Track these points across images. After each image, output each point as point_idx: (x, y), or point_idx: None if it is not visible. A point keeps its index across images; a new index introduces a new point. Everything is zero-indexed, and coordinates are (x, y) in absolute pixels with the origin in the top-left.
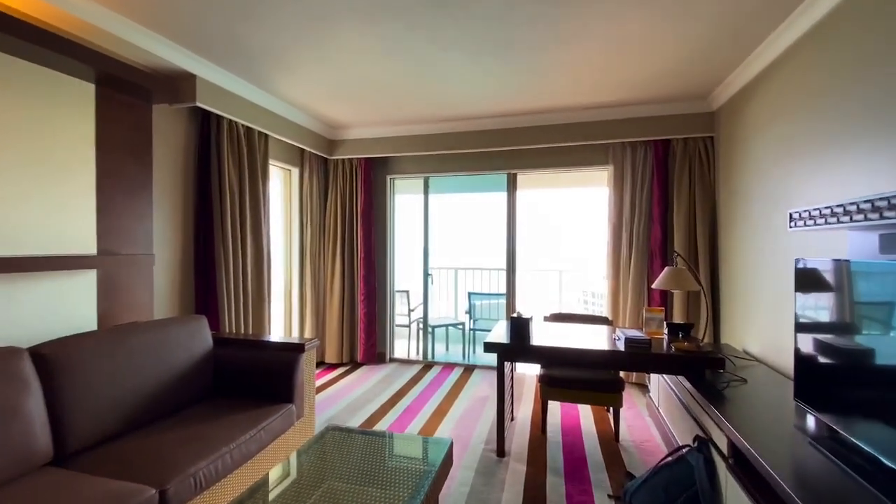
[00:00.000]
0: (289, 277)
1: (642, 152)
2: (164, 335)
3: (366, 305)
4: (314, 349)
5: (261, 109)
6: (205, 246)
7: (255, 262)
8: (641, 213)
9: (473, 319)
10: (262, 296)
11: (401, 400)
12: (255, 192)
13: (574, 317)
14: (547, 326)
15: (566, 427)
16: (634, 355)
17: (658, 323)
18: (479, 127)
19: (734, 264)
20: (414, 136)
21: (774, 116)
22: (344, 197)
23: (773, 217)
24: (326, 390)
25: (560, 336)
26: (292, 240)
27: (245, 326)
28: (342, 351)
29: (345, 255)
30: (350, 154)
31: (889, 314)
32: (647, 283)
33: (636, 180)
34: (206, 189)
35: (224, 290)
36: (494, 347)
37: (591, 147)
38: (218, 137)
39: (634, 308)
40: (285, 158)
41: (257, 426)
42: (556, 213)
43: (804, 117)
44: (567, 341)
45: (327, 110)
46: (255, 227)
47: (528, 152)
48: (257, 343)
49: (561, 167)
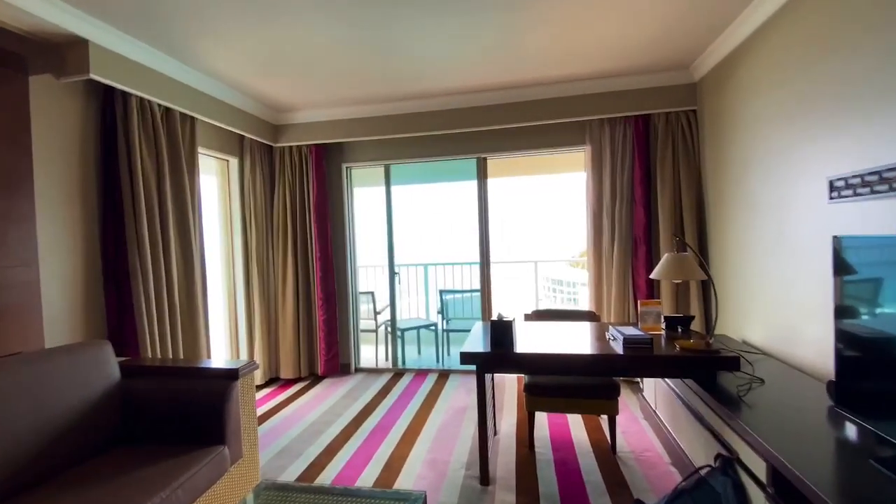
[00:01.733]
0: (231, 285)
1: (621, 129)
2: (41, 371)
3: (324, 311)
4: (251, 374)
5: (182, 86)
6: (116, 254)
7: (184, 270)
8: (623, 196)
9: (446, 319)
10: (194, 309)
11: (367, 418)
12: (178, 187)
13: (557, 313)
14: (529, 327)
15: (556, 440)
16: (636, 359)
17: (655, 317)
18: (444, 105)
19: (727, 246)
20: (371, 119)
21: (773, 81)
22: (294, 190)
23: (780, 191)
24: (280, 413)
25: (546, 338)
26: (234, 241)
27: (174, 349)
28: (300, 364)
29: (297, 255)
30: (298, 140)
31: None
32: (632, 272)
33: (616, 161)
34: (115, 183)
35: (143, 306)
36: (473, 358)
37: (567, 126)
38: (126, 119)
39: (619, 299)
40: (220, 147)
41: (171, 484)
42: (530, 202)
43: (816, 75)
44: (555, 344)
45: (267, 89)
46: (181, 229)
47: (499, 134)
48: (178, 371)
49: (534, 149)
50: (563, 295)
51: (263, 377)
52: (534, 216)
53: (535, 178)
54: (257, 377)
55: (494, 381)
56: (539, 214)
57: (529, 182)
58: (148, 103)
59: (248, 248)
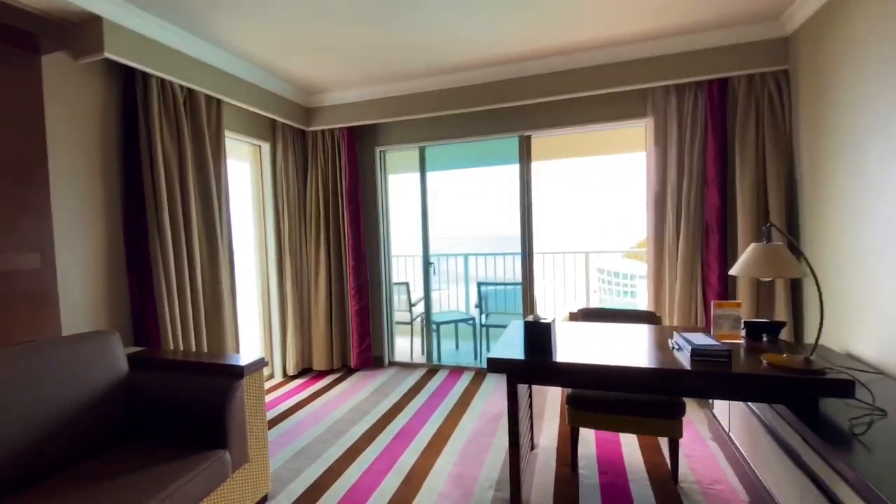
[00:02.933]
0: (264, 273)
1: (691, 97)
2: (39, 363)
3: (357, 302)
4: (259, 372)
5: (206, 67)
6: (138, 240)
7: (209, 258)
8: (692, 176)
9: (485, 314)
10: (218, 299)
11: (395, 418)
12: (203, 171)
13: (609, 313)
14: (574, 329)
15: (604, 460)
16: (708, 375)
17: (733, 322)
18: (482, 78)
19: (826, 236)
20: (404, 97)
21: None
22: (326, 176)
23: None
24: (307, 407)
25: (594, 344)
26: (267, 228)
27: (197, 339)
28: (332, 356)
29: (330, 243)
30: (330, 124)
31: None
32: (702, 265)
33: (684, 134)
34: (136, 168)
35: (164, 294)
36: (502, 365)
37: (625, 96)
38: (146, 102)
39: (684, 298)
40: (252, 131)
41: (159, 495)
42: (579, 188)
43: None
44: (604, 352)
45: (294, 68)
46: (206, 215)
47: (544, 108)
48: (185, 365)
49: (585, 123)
50: (619, 288)
51: (296, 368)
52: (583, 203)
53: (585, 161)
54: (289, 367)
55: (533, 386)
56: (589, 201)
57: (578, 165)
58: (169, 85)
59: (281, 236)
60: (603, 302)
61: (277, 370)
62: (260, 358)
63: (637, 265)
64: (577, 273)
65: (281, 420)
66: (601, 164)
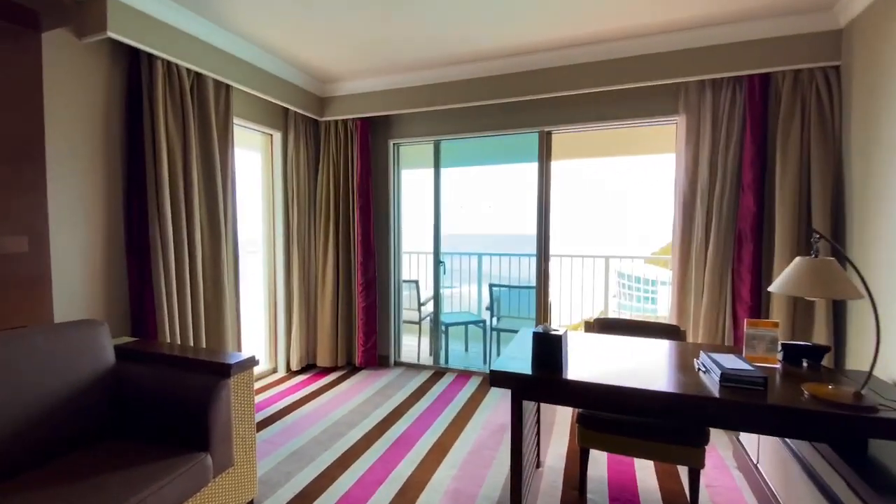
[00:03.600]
0: (271, 266)
1: (728, 94)
2: (18, 352)
3: (364, 298)
4: (248, 371)
5: (215, 51)
6: (138, 228)
7: (211, 248)
8: (727, 178)
9: (497, 317)
10: (220, 290)
11: (396, 423)
12: (208, 159)
13: (629, 325)
14: (588, 342)
15: (616, 485)
16: (739, 405)
17: (769, 344)
18: (501, 69)
19: (878, 250)
20: (420, 88)
21: None
22: (338, 168)
23: None
24: (307, 405)
25: (610, 360)
26: (276, 220)
27: (195, 331)
28: (337, 353)
29: (339, 237)
30: (344, 114)
31: None
32: (732, 276)
33: (718, 134)
34: (138, 152)
35: (161, 283)
36: (507, 380)
37: (655, 91)
38: (151, 84)
39: (711, 312)
40: (263, 119)
41: (129, 500)
42: (600, 187)
43: None
44: (621, 371)
45: (309, 55)
46: (210, 204)
47: (567, 102)
48: (172, 360)
49: (610, 120)
50: (639, 293)
51: (299, 363)
52: (604, 205)
53: (607, 162)
54: (293, 362)
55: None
56: (610, 203)
57: (599, 165)
58: (176, 68)
59: (290, 228)
60: (622, 307)
61: (281, 365)
62: (250, 356)
63: (659, 271)
64: (595, 277)
65: (279, 418)
66: (624, 166)
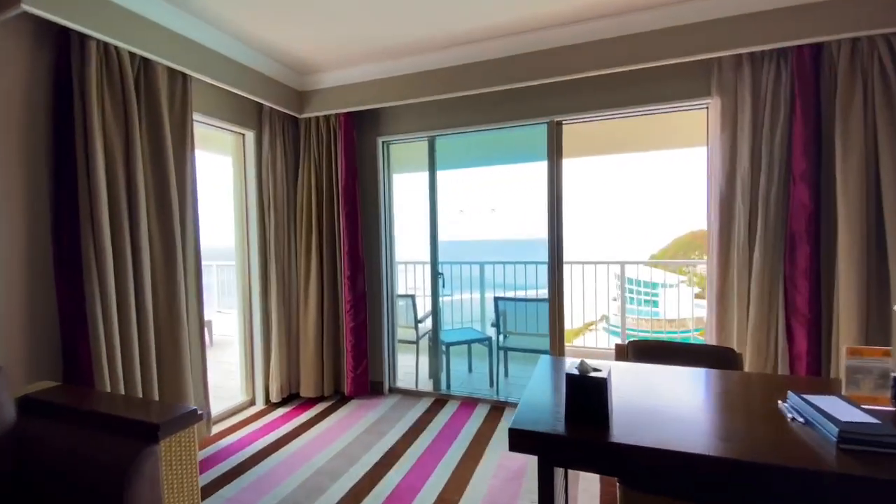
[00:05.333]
0: (246, 284)
1: (772, 70)
2: None
3: (353, 317)
4: (190, 430)
5: (168, 33)
6: (69, 246)
7: (165, 262)
8: (773, 169)
9: (503, 334)
10: (175, 312)
11: (389, 471)
12: (160, 162)
13: (669, 348)
14: (628, 376)
15: None
16: (876, 485)
17: (877, 378)
18: (504, 51)
19: None
20: (411, 76)
21: None
22: (320, 170)
23: None
24: (284, 448)
25: (662, 404)
26: (250, 232)
27: (146, 374)
28: (322, 381)
29: (323, 249)
30: (326, 109)
31: None
32: (785, 284)
33: (760, 117)
34: (69, 154)
35: (97, 307)
36: (532, 443)
37: (682, 69)
38: (82, 71)
39: (760, 327)
40: (233, 117)
41: None
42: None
43: None
44: (682, 422)
45: (285, 39)
46: (162, 211)
47: (579, 86)
48: (87, 416)
49: (629, 107)
50: (640, 297)
51: (279, 394)
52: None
53: (617, 160)
54: (273, 393)
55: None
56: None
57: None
58: (115, 51)
59: (266, 241)
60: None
61: (259, 396)
62: (189, 410)
63: (659, 274)
64: (598, 281)
65: (250, 466)
66: (633, 163)
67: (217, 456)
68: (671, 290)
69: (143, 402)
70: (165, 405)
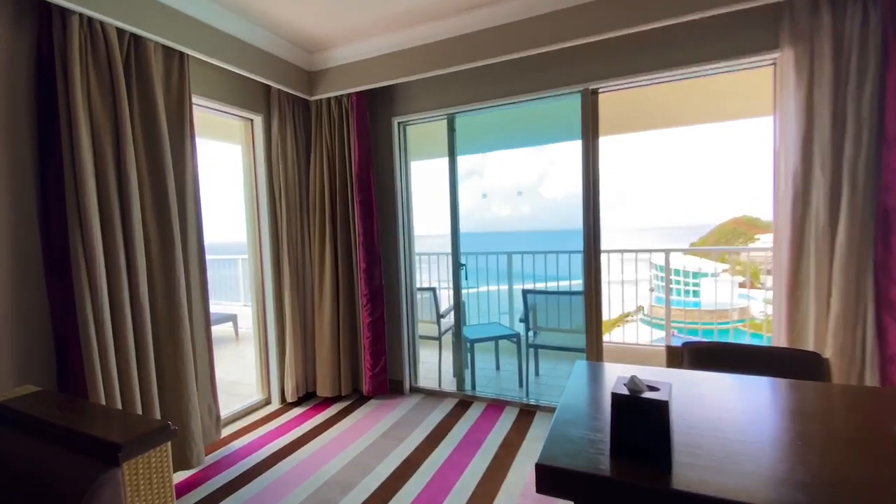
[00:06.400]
0: (258, 278)
1: (857, 13)
2: None
3: (370, 312)
4: (163, 448)
5: (161, 8)
6: (59, 244)
7: (163, 260)
8: (860, 133)
9: (533, 330)
10: (175, 314)
11: (406, 484)
12: (156, 150)
13: (734, 352)
14: (687, 387)
15: None
16: None
17: None
18: (528, 10)
19: None
20: (428, 45)
21: None
22: (332, 156)
23: None
24: (298, 452)
25: (736, 428)
26: (261, 223)
27: (144, 380)
28: (340, 379)
29: (337, 240)
30: (337, 89)
31: None
32: (876, 273)
33: (844, 72)
34: (54, 141)
35: (88, 308)
36: (565, 481)
37: (741, 19)
38: (64, 49)
39: (844, 325)
40: (240, 101)
41: None
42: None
43: None
44: (767, 458)
45: (292, 12)
46: (158, 202)
47: (618, 46)
48: (50, 429)
49: (676, 68)
50: (678, 286)
51: (295, 393)
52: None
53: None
54: (288, 392)
55: None
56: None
57: (667, 137)
58: (100, 27)
59: (279, 231)
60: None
61: (275, 395)
62: (160, 425)
63: (701, 262)
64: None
65: (257, 474)
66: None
67: (223, 462)
68: (712, 279)
69: (114, 415)
70: (137, 419)
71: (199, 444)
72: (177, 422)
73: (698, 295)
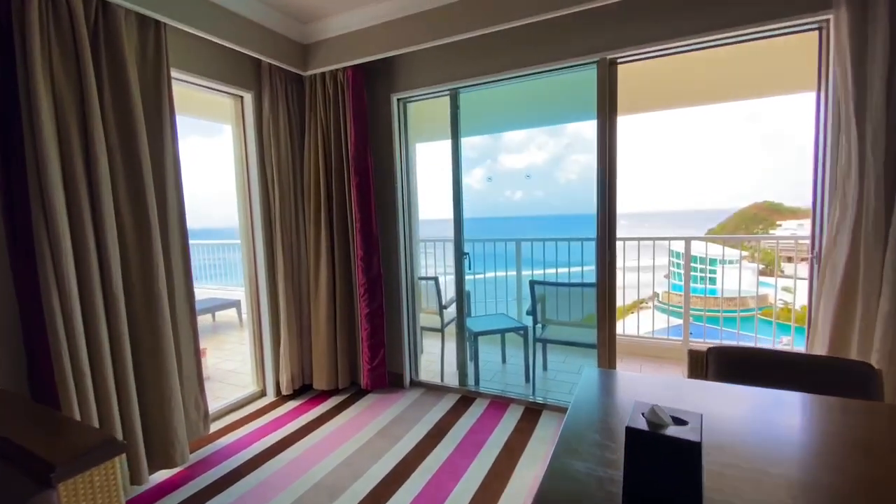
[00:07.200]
0: (251, 267)
1: None
2: None
3: (368, 302)
4: (111, 465)
5: None
6: (24, 233)
7: (139, 246)
8: None
9: (541, 323)
10: (153, 303)
11: (400, 488)
12: (128, 129)
13: (770, 359)
14: (715, 407)
15: None
16: None
17: None
18: None
19: None
20: (429, 12)
21: None
22: (327, 136)
23: None
24: (289, 450)
25: (782, 469)
26: (253, 208)
27: (121, 387)
28: (337, 372)
29: (334, 225)
30: (333, 63)
31: None
32: None
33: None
34: (13, 117)
35: (55, 303)
36: None
37: None
38: (22, 17)
39: (893, 323)
40: (228, 76)
41: None
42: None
43: None
44: None
45: None
46: (133, 187)
47: (639, 9)
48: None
49: (707, 33)
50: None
51: (290, 386)
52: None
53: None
54: (283, 384)
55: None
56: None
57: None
58: None
59: (272, 216)
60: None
61: (270, 387)
62: (105, 440)
63: (718, 249)
64: (656, 257)
65: (244, 474)
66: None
67: (209, 461)
68: (733, 266)
69: (63, 427)
70: (86, 431)
71: (182, 441)
72: (158, 419)
73: (715, 282)
